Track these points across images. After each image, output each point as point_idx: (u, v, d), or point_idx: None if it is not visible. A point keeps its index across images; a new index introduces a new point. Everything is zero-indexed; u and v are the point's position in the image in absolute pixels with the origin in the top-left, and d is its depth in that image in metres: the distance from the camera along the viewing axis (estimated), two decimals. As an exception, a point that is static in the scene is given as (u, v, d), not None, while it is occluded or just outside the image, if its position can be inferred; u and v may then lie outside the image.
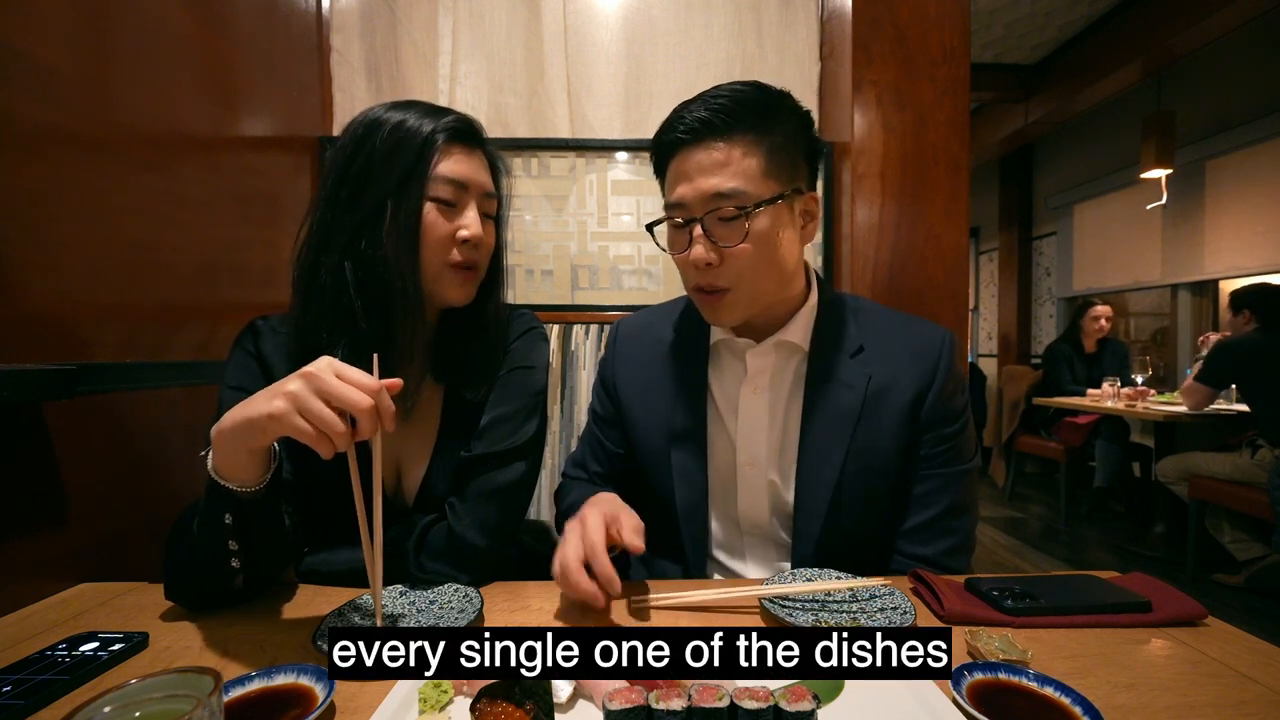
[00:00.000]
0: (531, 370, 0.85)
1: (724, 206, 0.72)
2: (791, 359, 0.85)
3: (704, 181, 0.73)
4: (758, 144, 0.73)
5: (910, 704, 0.49)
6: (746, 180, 0.72)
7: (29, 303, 0.80)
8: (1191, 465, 2.80)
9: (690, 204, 0.74)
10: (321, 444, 0.54)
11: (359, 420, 0.54)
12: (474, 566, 0.74)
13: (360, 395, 0.54)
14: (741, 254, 0.74)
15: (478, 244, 0.75)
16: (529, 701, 0.45)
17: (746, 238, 0.73)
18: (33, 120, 0.81)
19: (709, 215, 0.73)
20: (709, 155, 0.73)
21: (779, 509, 0.85)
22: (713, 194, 0.72)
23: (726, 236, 0.74)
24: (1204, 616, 0.64)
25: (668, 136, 0.77)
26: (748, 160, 0.73)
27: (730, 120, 0.72)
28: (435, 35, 1.65)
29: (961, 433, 0.83)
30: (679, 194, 0.75)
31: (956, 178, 1.47)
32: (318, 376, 0.54)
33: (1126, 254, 4.45)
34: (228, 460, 0.59)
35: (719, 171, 0.72)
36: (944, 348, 0.83)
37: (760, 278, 0.77)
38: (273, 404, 0.54)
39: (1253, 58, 3.45)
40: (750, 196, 0.72)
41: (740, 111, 0.73)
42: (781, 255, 0.77)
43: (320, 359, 0.56)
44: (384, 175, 0.71)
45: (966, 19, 1.46)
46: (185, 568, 0.67)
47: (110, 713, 0.34)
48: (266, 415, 0.54)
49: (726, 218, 0.73)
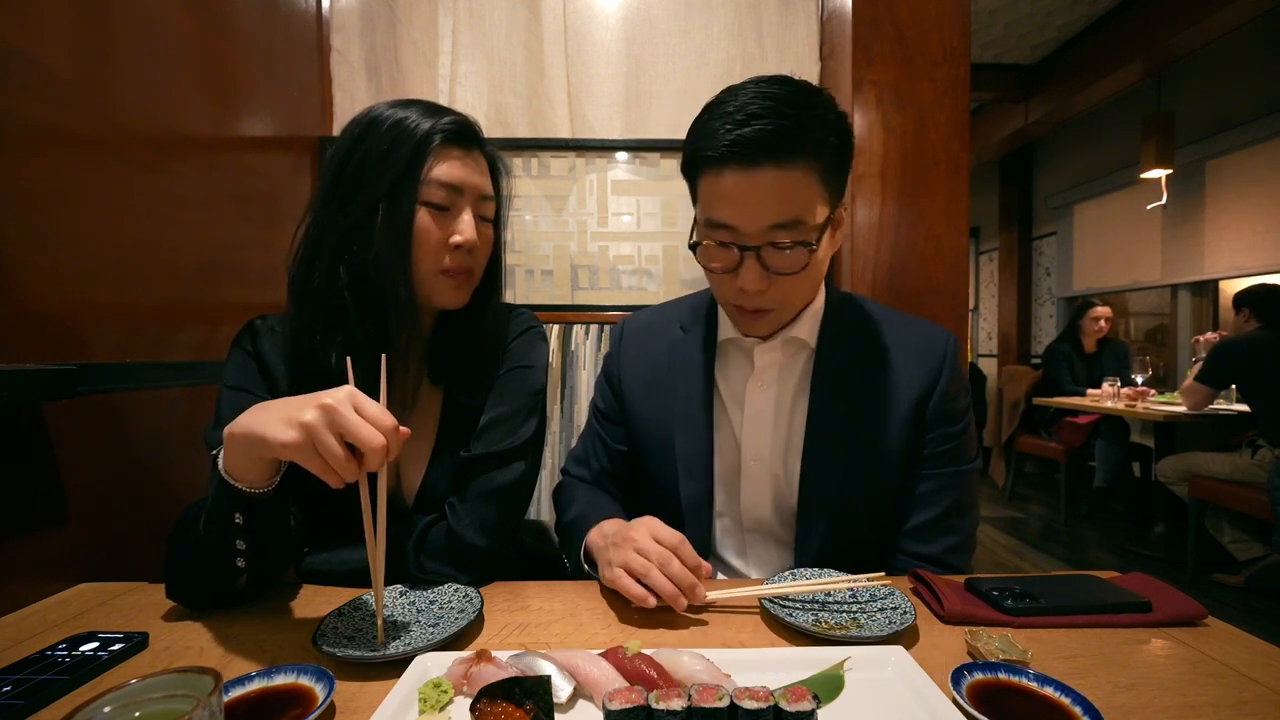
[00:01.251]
0: (530, 370, 0.85)
1: (782, 237, 0.68)
2: (798, 356, 0.85)
3: (761, 211, 0.68)
4: (814, 168, 0.68)
5: (910, 704, 0.49)
6: (806, 210, 0.68)
7: (29, 303, 0.80)
8: (1191, 465, 2.80)
9: (743, 231, 0.69)
10: (329, 477, 0.54)
11: (367, 456, 0.54)
12: (474, 566, 0.74)
13: (376, 435, 0.53)
14: (796, 279, 0.72)
15: (471, 249, 0.75)
16: (529, 701, 0.46)
17: (806, 268, 0.70)
18: (33, 120, 0.81)
19: (766, 246, 0.69)
20: (765, 182, 0.66)
21: (782, 506, 0.86)
22: (771, 225, 0.68)
23: (783, 265, 0.70)
24: (1204, 616, 0.64)
25: (711, 150, 0.68)
26: (806, 187, 0.68)
27: (788, 143, 0.66)
28: (435, 35, 1.65)
29: (964, 433, 0.84)
30: (728, 217, 0.69)
31: (956, 178, 1.46)
32: (336, 410, 0.53)
33: (1126, 254, 4.45)
34: (238, 463, 0.59)
35: (778, 202, 0.67)
36: (948, 348, 0.84)
37: (805, 297, 0.79)
38: (287, 432, 0.53)
39: (1253, 58, 3.45)
40: (810, 228, 0.69)
41: (796, 131, 0.66)
42: (823, 271, 0.78)
43: (341, 389, 0.56)
44: (378, 176, 0.70)
45: (966, 19, 1.46)
46: (188, 567, 0.67)
47: (110, 713, 0.34)
48: (280, 443, 0.54)
49: (784, 246, 0.69)
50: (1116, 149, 4.37)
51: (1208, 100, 3.73)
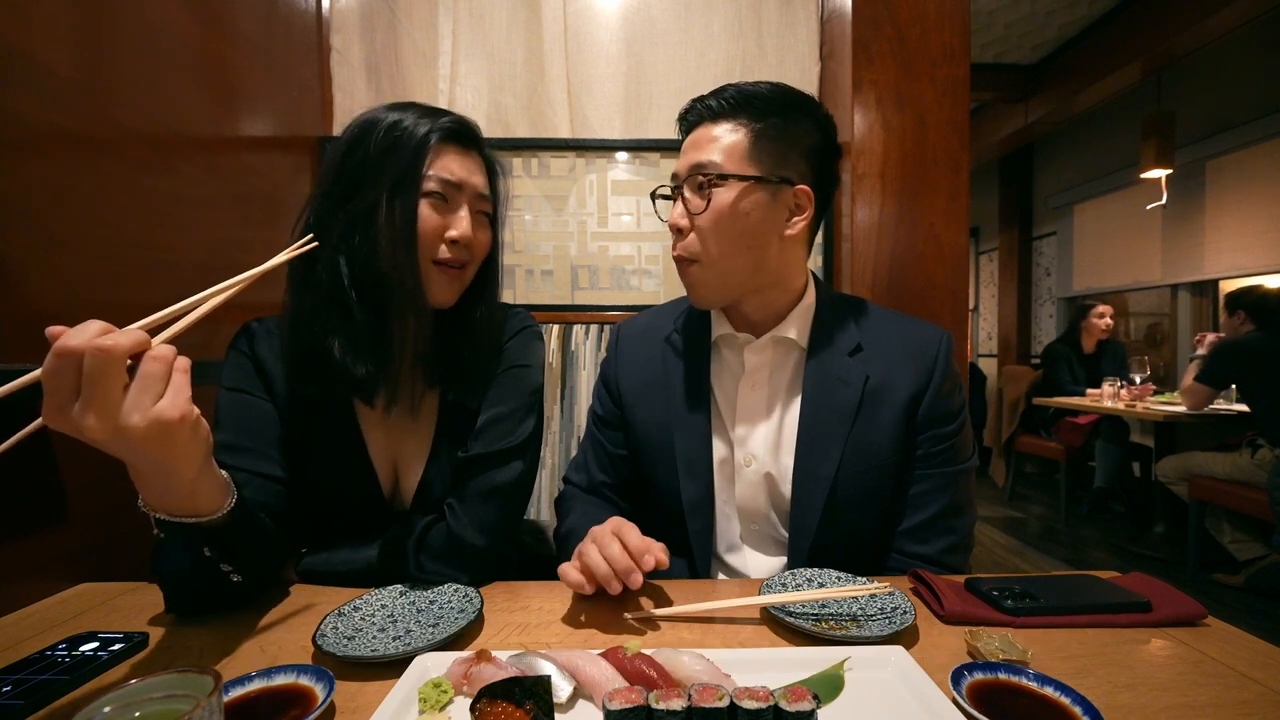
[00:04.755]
0: (527, 369, 0.85)
1: (697, 176, 0.79)
2: (789, 356, 0.85)
3: (691, 155, 0.80)
4: (746, 128, 0.78)
5: (910, 704, 0.49)
6: (725, 156, 0.78)
7: (29, 303, 0.80)
8: (1191, 465, 2.80)
9: (680, 175, 0.81)
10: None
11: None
12: (474, 567, 0.74)
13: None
14: (704, 223, 0.78)
15: (467, 244, 0.75)
16: (529, 701, 0.45)
17: (708, 206, 0.78)
18: (33, 120, 0.81)
19: (687, 182, 0.80)
20: (702, 134, 0.80)
21: (776, 504, 0.86)
22: (692, 164, 0.79)
23: (695, 205, 0.79)
24: (1204, 616, 0.64)
25: (680, 122, 0.85)
26: (732, 139, 0.78)
27: (728, 107, 0.79)
28: (435, 35, 1.65)
29: (959, 433, 0.84)
30: (675, 168, 0.83)
31: (956, 178, 1.46)
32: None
33: (1126, 254, 4.45)
34: (159, 493, 0.55)
35: (704, 147, 0.79)
36: (941, 348, 0.84)
37: (726, 255, 0.80)
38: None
39: (1253, 58, 3.45)
40: (721, 168, 0.77)
41: (740, 99, 0.79)
42: (750, 235, 0.79)
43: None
44: (379, 172, 0.71)
45: (966, 19, 1.46)
46: (181, 591, 0.67)
47: (110, 713, 0.34)
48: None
49: (696, 186, 0.79)
50: (1116, 149, 4.37)
51: (1208, 100, 3.73)
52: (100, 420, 0.45)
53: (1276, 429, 2.50)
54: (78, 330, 0.46)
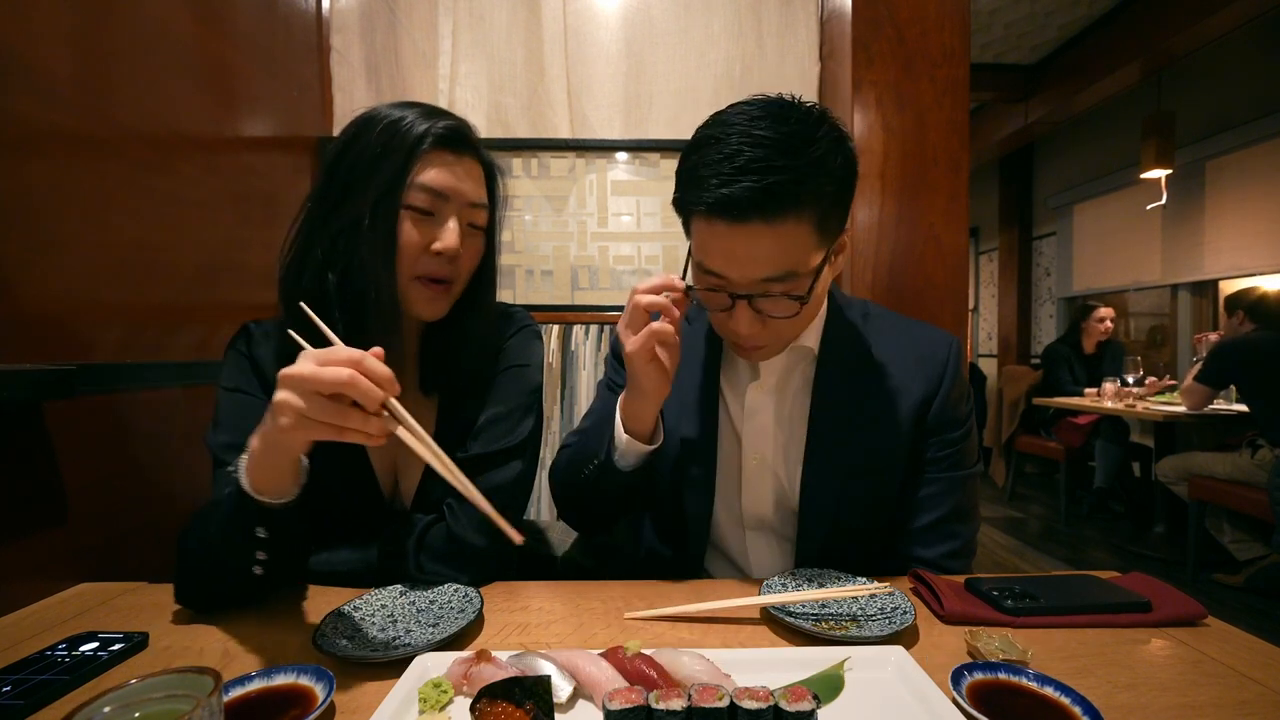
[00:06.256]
0: (526, 368, 0.85)
1: (774, 288, 0.67)
2: (801, 362, 0.85)
3: (750, 266, 0.66)
4: (809, 218, 0.64)
5: (910, 704, 0.49)
6: (798, 261, 0.66)
7: (29, 303, 0.80)
8: (1191, 465, 2.80)
9: (734, 281, 0.68)
10: (349, 435, 0.53)
11: (358, 400, 0.52)
12: (473, 567, 0.74)
13: (338, 372, 0.51)
14: (789, 321, 0.71)
15: (453, 258, 0.73)
16: (529, 701, 0.46)
17: (798, 313, 0.70)
18: (33, 120, 0.81)
19: (757, 297, 0.68)
20: (754, 236, 0.63)
21: (783, 507, 0.86)
22: (761, 279, 0.66)
23: (775, 310, 0.69)
24: (1204, 616, 0.64)
25: (699, 203, 0.65)
26: (798, 239, 0.65)
27: (776, 201, 0.62)
28: (435, 35, 1.65)
29: (966, 438, 0.84)
30: (718, 267, 0.67)
31: (956, 178, 1.46)
32: (296, 376, 0.52)
33: (1126, 254, 4.45)
34: (265, 475, 0.59)
35: (768, 257, 0.65)
36: (951, 354, 0.84)
37: (801, 328, 0.78)
38: (279, 420, 0.53)
39: (1253, 58, 3.45)
40: (803, 278, 0.67)
41: (786, 188, 0.61)
42: (822, 301, 0.77)
43: (302, 354, 0.55)
44: (366, 178, 0.69)
45: (966, 19, 1.46)
46: (202, 573, 0.66)
47: (110, 713, 0.34)
48: (278, 430, 0.54)
49: (776, 296, 0.68)
50: (1116, 149, 4.37)
51: (1208, 100, 3.73)
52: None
53: (1276, 429, 2.50)
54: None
